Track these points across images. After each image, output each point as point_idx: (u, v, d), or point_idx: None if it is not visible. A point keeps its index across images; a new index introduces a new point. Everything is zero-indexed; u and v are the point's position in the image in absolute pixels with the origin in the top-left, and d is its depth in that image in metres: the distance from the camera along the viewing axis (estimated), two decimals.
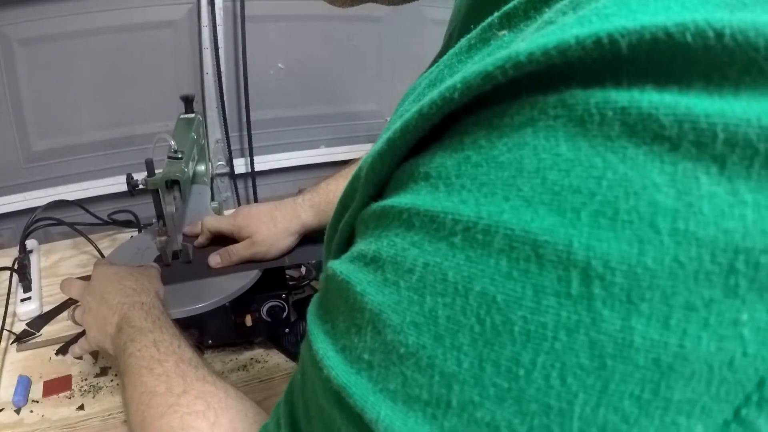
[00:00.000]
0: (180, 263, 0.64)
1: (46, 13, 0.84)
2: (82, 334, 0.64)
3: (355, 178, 0.23)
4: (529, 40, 0.16)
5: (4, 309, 0.68)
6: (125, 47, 0.93)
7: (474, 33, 0.20)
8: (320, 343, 0.21)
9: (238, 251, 0.63)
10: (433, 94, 0.18)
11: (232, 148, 1.09)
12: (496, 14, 0.19)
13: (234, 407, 0.37)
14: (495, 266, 0.16)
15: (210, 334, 0.63)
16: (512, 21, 0.19)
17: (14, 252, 0.77)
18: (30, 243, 0.81)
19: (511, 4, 0.19)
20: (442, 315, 0.17)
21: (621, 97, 0.15)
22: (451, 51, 0.22)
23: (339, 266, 0.21)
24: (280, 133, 1.14)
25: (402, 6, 0.32)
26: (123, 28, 0.91)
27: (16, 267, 0.74)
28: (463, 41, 0.21)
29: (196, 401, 0.36)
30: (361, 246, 0.21)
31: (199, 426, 0.34)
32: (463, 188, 0.17)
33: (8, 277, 0.74)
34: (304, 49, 1.07)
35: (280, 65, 1.07)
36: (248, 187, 1.16)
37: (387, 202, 0.20)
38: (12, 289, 0.73)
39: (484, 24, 0.20)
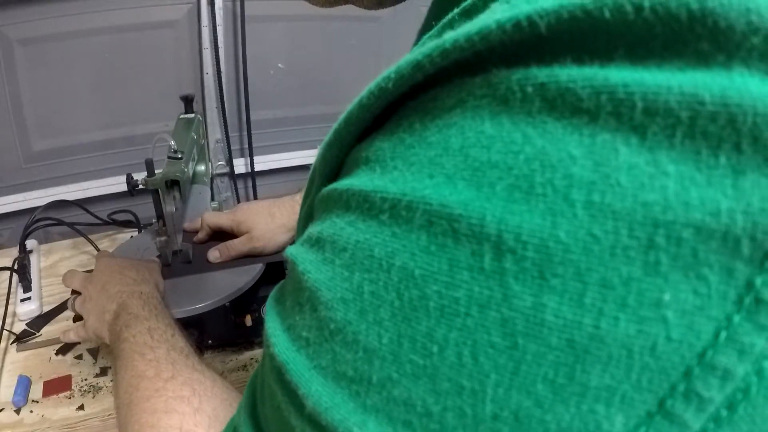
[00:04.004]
0: (180, 263, 0.65)
1: (46, 13, 0.84)
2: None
3: (313, 170, 0.23)
4: (459, 28, 0.16)
5: (4, 309, 0.68)
6: (125, 47, 0.93)
7: (435, 30, 0.20)
8: (271, 322, 0.22)
9: (236, 246, 0.64)
10: (372, 84, 0.18)
11: (232, 148, 1.09)
12: (456, 10, 0.19)
13: (219, 396, 0.37)
14: (416, 241, 0.16)
15: (210, 334, 0.63)
16: (472, 17, 0.19)
17: (14, 252, 0.77)
18: (30, 243, 0.81)
19: (469, 0, 0.19)
20: (368, 290, 0.17)
21: (541, 73, 0.15)
22: (414, 49, 0.22)
23: (290, 249, 0.22)
24: (280, 133, 1.14)
25: (402, 6, 0.32)
26: (123, 28, 0.91)
27: (16, 267, 0.74)
28: (425, 39, 0.21)
29: (183, 387, 0.37)
30: (309, 229, 0.21)
31: (182, 410, 0.35)
32: (395, 169, 0.17)
33: (8, 277, 0.74)
34: (304, 49, 1.07)
35: (280, 65, 1.07)
36: (248, 187, 1.16)
37: (331, 186, 0.20)
38: (12, 289, 0.73)
39: (444, 21, 0.20)
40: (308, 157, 1.17)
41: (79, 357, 0.64)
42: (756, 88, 0.13)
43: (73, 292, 0.59)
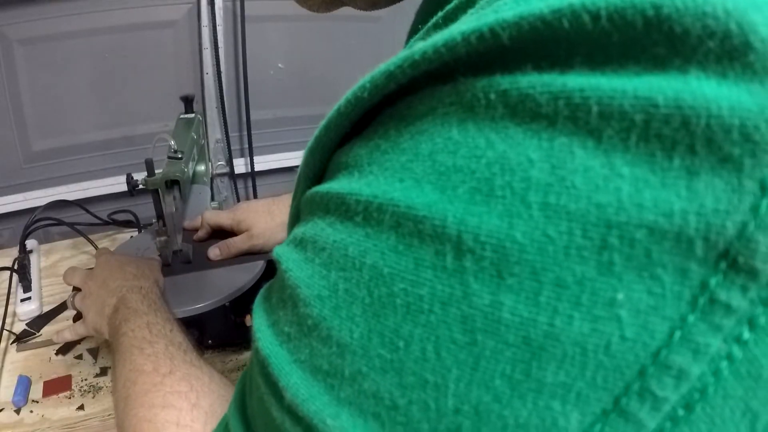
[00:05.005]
0: (180, 263, 0.65)
1: (46, 13, 0.84)
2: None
3: (298, 174, 0.24)
4: (430, 39, 0.17)
5: (4, 309, 0.68)
6: (125, 47, 0.92)
7: (420, 34, 0.21)
8: (258, 318, 0.22)
9: (236, 244, 0.65)
10: (349, 92, 0.19)
11: (232, 148, 1.09)
12: (440, 14, 0.20)
13: (216, 392, 0.37)
14: (385, 241, 0.17)
15: (210, 334, 0.63)
16: (449, 25, 0.19)
17: (14, 252, 0.77)
18: (30, 243, 0.81)
19: (452, 4, 0.19)
20: (342, 288, 0.18)
21: (504, 80, 0.15)
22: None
23: (277, 249, 0.22)
24: (280, 133, 1.14)
25: (402, 6, 0.32)
26: (123, 28, 0.91)
27: (16, 267, 0.74)
28: (412, 42, 0.22)
29: (181, 382, 0.37)
30: (295, 230, 0.22)
31: (179, 405, 0.35)
32: (371, 173, 0.18)
33: (8, 277, 0.74)
34: (304, 49, 1.07)
35: (280, 65, 1.07)
36: (248, 187, 1.16)
37: (314, 189, 0.21)
38: (12, 289, 0.73)
39: (429, 25, 0.20)
40: None
41: (79, 357, 0.64)
42: (711, 91, 0.13)
43: (74, 290, 0.59)
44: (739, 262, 0.13)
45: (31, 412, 0.57)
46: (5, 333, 0.66)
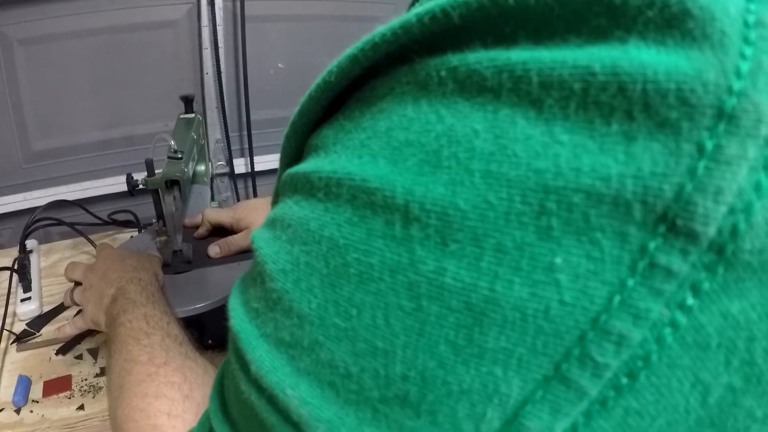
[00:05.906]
0: (180, 263, 0.65)
1: (46, 13, 0.84)
2: (83, 336, 0.64)
3: (279, 162, 0.25)
4: (389, 22, 0.17)
5: (4, 309, 0.68)
6: (125, 47, 0.92)
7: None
8: (233, 298, 0.23)
9: (236, 241, 0.66)
10: (319, 78, 0.20)
11: (232, 148, 1.09)
12: None
13: (210, 384, 0.37)
14: (342, 214, 0.17)
15: (210, 334, 0.63)
16: None
17: (14, 252, 0.77)
18: (30, 243, 0.81)
19: None
20: (303, 261, 0.18)
21: (454, 57, 0.16)
22: None
23: (254, 231, 0.23)
24: (280, 133, 1.13)
25: (402, 6, 0.32)
26: (123, 28, 0.91)
27: (16, 267, 0.74)
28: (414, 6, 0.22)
29: (175, 373, 0.38)
30: (269, 213, 0.22)
31: (172, 396, 0.35)
32: (335, 152, 0.19)
33: (8, 277, 0.74)
34: (304, 49, 1.07)
35: (280, 65, 1.07)
36: (248, 186, 1.16)
37: (287, 171, 0.21)
38: (12, 289, 0.73)
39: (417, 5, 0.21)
40: None
41: (79, 357, 0.64)
42: (649, 57, 0.13)
43: (75, 286, 0.59)
44: (678, 225, 0.13)
45: (31, 412, 0.57)
46: (5, 333, 0.66)
